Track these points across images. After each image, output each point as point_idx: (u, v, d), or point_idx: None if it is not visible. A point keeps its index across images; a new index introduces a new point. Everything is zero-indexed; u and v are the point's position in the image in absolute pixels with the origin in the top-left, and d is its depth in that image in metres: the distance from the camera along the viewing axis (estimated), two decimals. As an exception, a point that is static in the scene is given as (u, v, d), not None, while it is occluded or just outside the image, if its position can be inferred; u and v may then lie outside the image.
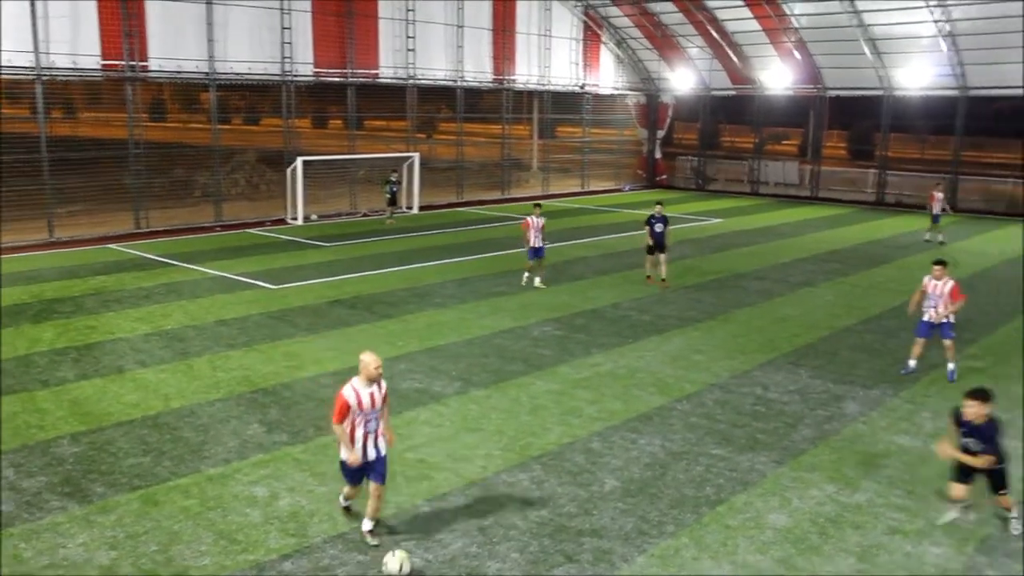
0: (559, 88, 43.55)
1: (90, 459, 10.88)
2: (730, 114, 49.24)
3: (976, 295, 20.96)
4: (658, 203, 22.51)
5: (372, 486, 8.93)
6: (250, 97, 37.00)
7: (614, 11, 44.05)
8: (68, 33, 26.76)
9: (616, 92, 47.22)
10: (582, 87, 44.80)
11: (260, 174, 36.28)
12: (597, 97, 45.90)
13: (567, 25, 43.51)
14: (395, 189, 32.38)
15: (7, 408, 12.60)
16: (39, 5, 25.89)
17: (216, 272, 22.44)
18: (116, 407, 12.70)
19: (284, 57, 31.85)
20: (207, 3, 29.58)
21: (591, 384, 14.11)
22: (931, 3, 35.52)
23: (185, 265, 23.32)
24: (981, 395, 9.11)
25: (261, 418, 12.33)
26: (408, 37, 35.83)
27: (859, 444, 11.76)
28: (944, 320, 14.53)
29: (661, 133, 49.05)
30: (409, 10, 35.64)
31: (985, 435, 9.07)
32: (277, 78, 32.00)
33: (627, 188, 47.50)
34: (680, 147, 51.26)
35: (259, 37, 31.31)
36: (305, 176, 31.71)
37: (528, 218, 21.36)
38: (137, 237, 28.03)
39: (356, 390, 8.79)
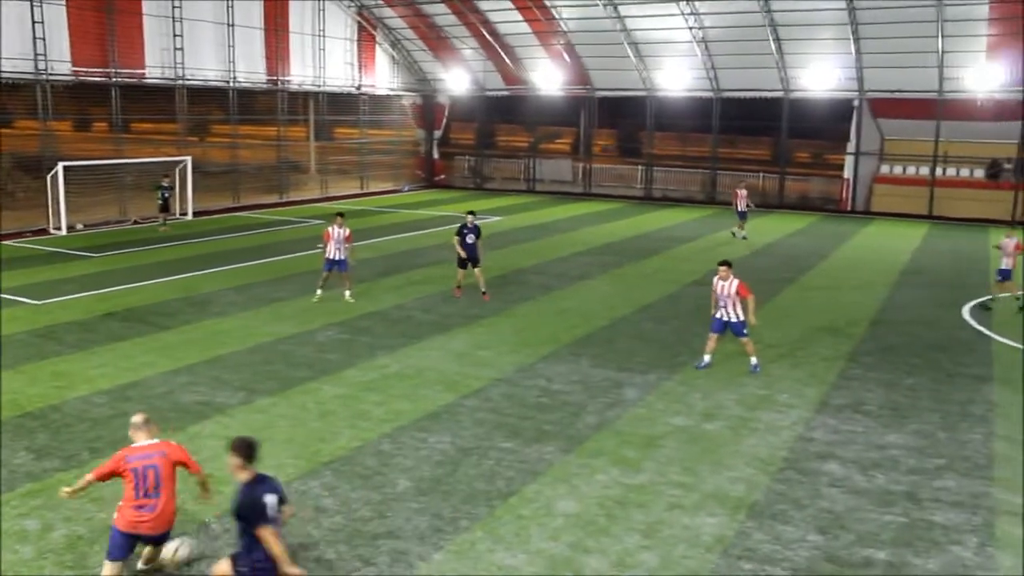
0: (335, 89, 43.05)
1: None
2: (505, 114, 50.34)
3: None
4: (470, 212, 20.87)
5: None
6: (0, 97, 34.26)
7: (388, 12, 44.04)
8: None
9: (392, 93, 47.22)
10: (358, 88, 44.49)
11: (16, 181, 33.68)
12: (373, 98, 45.73)
13: (341, 25, 43.10)
14: (167, 195, 31.01)
15: None
16: None
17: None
18: None
19: (37, 54, 29.74)
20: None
21: (379, 386, 14.11)
22: (685, 11, 37.85)
23: (-69, 282, 21.40)
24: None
25: (29, 444, 11.52)
26: (175, 36, 34.30)
27: (639, 427, 12.40)
28: (736, 319, 15.08)
29: (438, 133, 49.57)
30: (175, 7, 34.10)
31: None
32: (30, 76, 29.83)
33: (406, 189, 47.62)
34: (457, 147, 51.95)
35: (7, 31, 29.01)
36: (68, 183, 29.77)
37: (328, 228, 20.13)
38: None
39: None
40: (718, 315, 15.26)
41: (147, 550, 8.27)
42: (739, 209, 31.43)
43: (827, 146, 45.13)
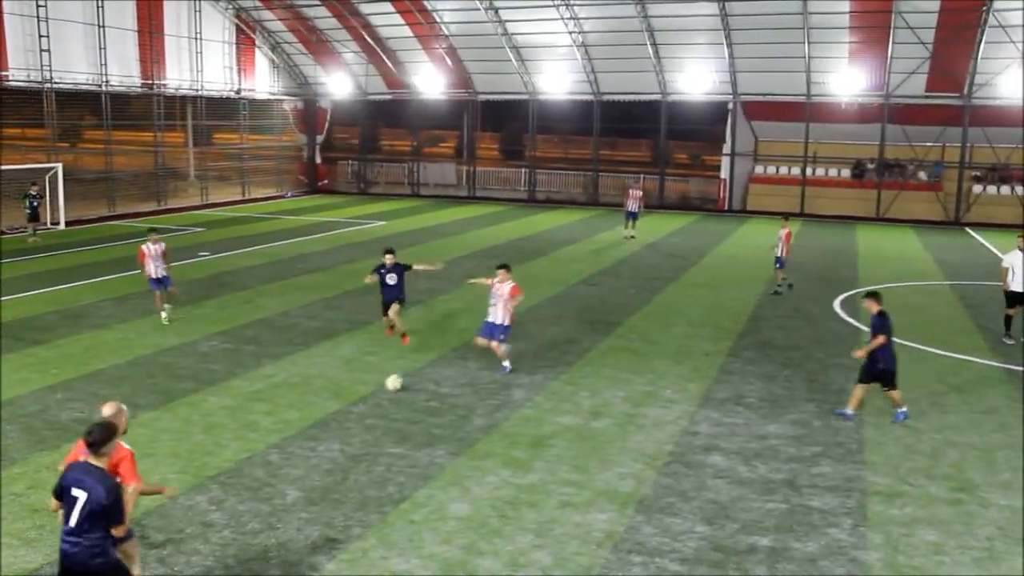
0: (213, 93, 42.03)
1: None
2: (388, 118, 50.17)
3: (619, 280, 23.14)
4: (388, 251, 17.05)
5: None
6: None
7: (267, 15, 43.29)
8: None
9: (273, 97, 46.44)
10: (237, 92, 43.56)
11: None
12: (253, 103, 44.85)
13: (219, 28, 42.11)
14: (36, 204, 29.76)
15: None
16: None
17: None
18: None
19: None
20: None
21: (265, 395, 13.88)
22: (565, 16, 38.41)
23: None
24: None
25: None
26: (41, 36, 32.89)
27: (528, 428, 12.54)
28: (502, 323, 15.05)
29: (320, 138, 48.96)
30: (40, 7, 32.65)
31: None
32: None
33: (289, 194, 46.90)
34: (340, 151, 51.45)
35: None
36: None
37: (143, 247, 18.71)
38: None
39: None
40: (488, 317, 15.20)
41: None
42: (630, 209, 31.97)
43: (704, 147, 46.57)
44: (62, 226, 32.81)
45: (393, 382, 14.01)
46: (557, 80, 41.85)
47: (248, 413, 13.07)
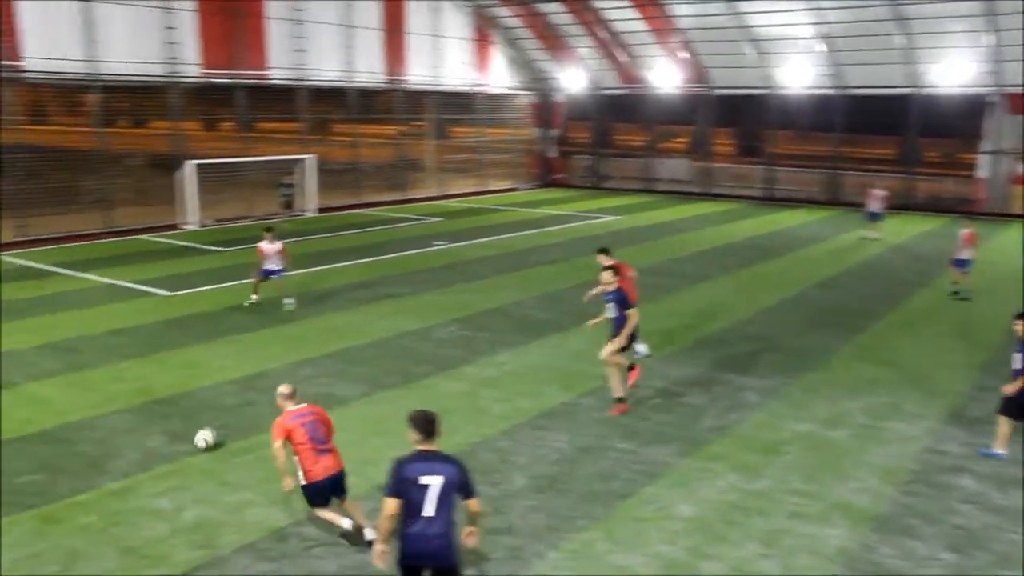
0: (452, 88, 43.54)
1: (-19, 479, 10.44)
2: (622, 112, 49.97)
3: (861, 283, 22.01)
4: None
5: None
6: (135, 99, 35.85)
7: (504, 11, 44.26)
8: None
9: (509, 92, 47.47)
10: (475, 87, 44.89)
11: (149, 178, 35.19)
12: (490, 97, 46.06)
13: (458, 25, 43.52)
14: (290, 192, 31.84)
15: None
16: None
17: (107, 280, 21.74)
18: (7, 423, 12.20)
19: (169, 57, 31.03)
20: (86, 1, 28.59)
21: (497, 383, 14.19)
22: (807, 6, 36.84)
23: (73, 273, 22.52)
24: None
25: (163, 429, 12.01)
26: (298, 37, 35.30)
27: (760, 432, 12.13)
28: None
29: (555, 132, 49.54)
30: (298, 10, 35.10)
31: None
32: (163, 79, 31.16)
33: (523, 187, 47.81)
34: (574, 145, 51.82)
35: (142, 37, 30.38)
36: (197, 180, 30.97)
37: (259, 244, 19.44)
38: (19, 245, 26.91)
39: None
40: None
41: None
42: (871, 210, 30.24)
43: (958, 144, 43.25)
44: (313, 213, 35.02)
45: (204, 437, 11.40)
46: (797, 73, 40.25)
47: (480, 399, 13.41)
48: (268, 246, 19.29)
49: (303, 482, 8.94)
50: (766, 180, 43.75)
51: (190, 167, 30.64)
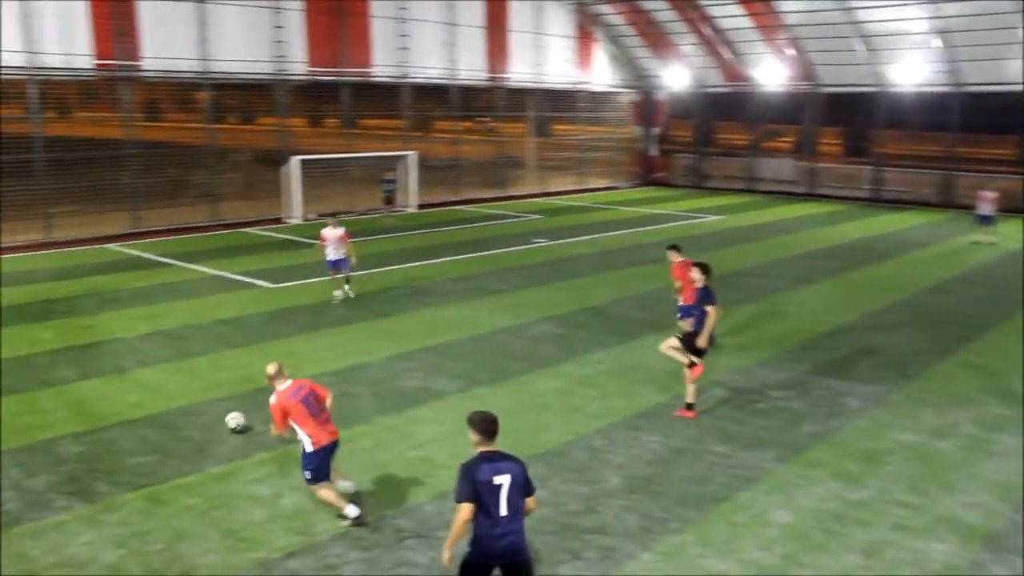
0: (553, 86, 43.54)
1: (94, 458, 10.87)
2: (725, 111, 49.21)
3: (974, 289, 21.18)
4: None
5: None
6: (244, 96, 36.91)
7: (607, 8, 44.04)
8: (61, 32, 26.69)
9: (610, 89, 47.22)
10: (576, 84, 44.80)
11: (256, 173, 36.18)
12: (591, 94, 45.91)
13: (560, 23, 43.49)
14: (391, 188, 32.33)
15: (9, 408, 12.58)
16: (31, 4, 25.82)
17: (214, 271, 22.42)
18: (118, 407, 12.69)
19: (278, 56, 31.82)
20: (200, 2, 29.54)
21: (593, 381, 14.12)
22: (922, 0, 35.60)
23: (182, 264, 23.28)
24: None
25: (264, 417, 12.26)
26: (402, 36, 35.78)
27: (862, 441, 11.77)
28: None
29: (656, 130, 49.08)
30: (401, 9, 35.58)
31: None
32: (271, 77, 31.97)
33: (623, 186, 47.52)
34: (675, 144, 51.26)
35: (252, 36, 31.28)
36: (301, 175, 31.68)
37: (323, 231, 19.40)
38: (133, 237, 27.99)
39: None
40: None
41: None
42: (981, 213, 29.01)
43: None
44: (413, 208, 35.45)
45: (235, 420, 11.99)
46: (910, 70, 38.92)
47: (575, 397, 13.36)
48: (331, 232, 19.16)
49: (311, 449, 9.14)
50: (874, 181, 42.48)
51: (295, 163, 31.36)
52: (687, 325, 12.79)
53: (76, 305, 18.84)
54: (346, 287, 19.77)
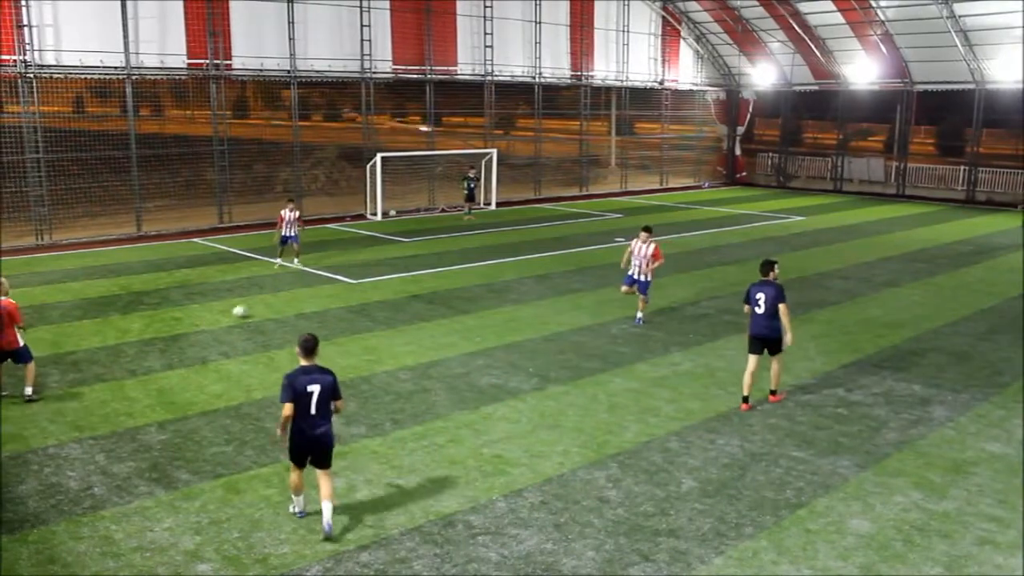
0: (637, 84, 43.22)
1: (176, 447, 11.15)
2: (813, 109, 48.28)
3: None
4: (768, 263, 13.12)
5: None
6: (330, 94, 37.54)
7: (693, 6, 43.57)
8: (156, 33, 27.50)
9: (695, 88, 46.69)
10: (660, 83, 44.40)
11: (340, 170, 36.76)
12: (676, 93, 45.46)
13: (645, 21, 43.16)
14: (472, 185, 32.51)
15: (98, 395, 12.99)
16: (129, 6, 26.66)
17: (297, 266, 22.79)
18: (200, 397, 13.00)
19: (363, 55, 32.25)
20: (288, 2, 30.10)
21: (669, 383, 13.97)
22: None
23: (267, 259, 23.74)
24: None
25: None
26: (486, 34, 35.96)
27: (947, 450, 11.41)
28: (643, 278, 17.08)
29: (741, 129, 48.35)
30: (487, 7, 35.77)
31: None
32: (357, 75, 32.43)
33: (706, 185, 46.96)
34: (760, 143, 50.44)
35: (339, 35, 31.80)
36: (384, 172, 32.07)
37: (282, 211, 22.42)
38: (220, 232, 28.68)
39: None
40: (630, 272, 17.25)
41: None
42: None
43: None
44: (493, 206, 35.59)
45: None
46: (1012, 67, 37.52)
47: (651, 398, 13.23)
48: (289, 213, 22.13)
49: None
50: (968, 182, 41.16)
51: (378, 159, 31.75)
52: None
53: (164, 297, 19.37)
54: (295, 260, 22.76)
